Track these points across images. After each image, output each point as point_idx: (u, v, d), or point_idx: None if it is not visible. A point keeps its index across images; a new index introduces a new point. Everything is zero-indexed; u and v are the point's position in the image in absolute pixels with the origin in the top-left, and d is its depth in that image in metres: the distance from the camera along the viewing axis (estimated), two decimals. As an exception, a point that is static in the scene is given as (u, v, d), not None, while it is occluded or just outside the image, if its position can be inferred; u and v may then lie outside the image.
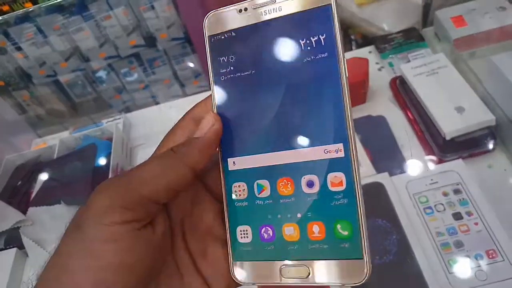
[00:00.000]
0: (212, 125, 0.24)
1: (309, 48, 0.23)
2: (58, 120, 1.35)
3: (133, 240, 0.21)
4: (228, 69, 0.25)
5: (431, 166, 0.61)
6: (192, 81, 1.44)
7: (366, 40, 0.88)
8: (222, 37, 0.25)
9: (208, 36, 0.25)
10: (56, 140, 0.73)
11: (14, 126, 0.88)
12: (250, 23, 0.24)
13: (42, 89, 1.35)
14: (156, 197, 0.22)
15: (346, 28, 1.30)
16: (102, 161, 0.67)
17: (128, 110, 1.21)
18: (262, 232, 0.23)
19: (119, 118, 0.75)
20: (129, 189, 0.21)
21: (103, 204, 0.21)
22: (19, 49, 1.26)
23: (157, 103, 1.24)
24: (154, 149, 0.25)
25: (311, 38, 0.23)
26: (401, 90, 0.72)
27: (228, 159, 0.25)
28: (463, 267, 0.50)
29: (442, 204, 0.55)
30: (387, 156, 0.65)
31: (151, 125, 0.75)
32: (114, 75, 1.39)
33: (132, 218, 0.21)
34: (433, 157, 0.63)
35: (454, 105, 0.63)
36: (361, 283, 0.21)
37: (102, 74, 1.38)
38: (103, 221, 0.20)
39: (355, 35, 1.28)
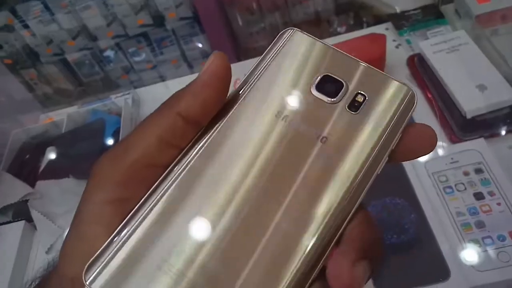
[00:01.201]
0: (210, 63, 0.19)
1: None
2: (66, 100, 1.34)
3: None
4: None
5: (451, 145, 0.59)
6: (200, 61, 1.42)
7: (378, 22, 0.85)
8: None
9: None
10: (64, 115, 0.72)
11: (22, 102, 0.87)
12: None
13: (50, 67, 1.34)
14: (148, 158, 0.18)
15: (358, 8, 1.27)
16: (111, 136, 0.65)
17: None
18: None
19: (128, 93, 0.73)
20: (118, 158, 0.19)
21: (95, 179, 0.19)
22: (26, 26, 1.24)
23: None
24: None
25: None
26: (420, 68, 0.69)
27: None
28: (485, 248, 0.48)
29: (463, 184, 0.53)
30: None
31: (159, 102, 0.73)
32: (122, 54, 1.37)
33: (124, 195, 0.18)
34: (453, 136, 0.61)
35: (475, 83, 0.61)
36: None
37: (109, 53, 1.36)
38: (92, 199, 0.18)
39: (367, 17, 1.25)
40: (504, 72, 0.61)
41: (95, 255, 0.17)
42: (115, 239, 0.18)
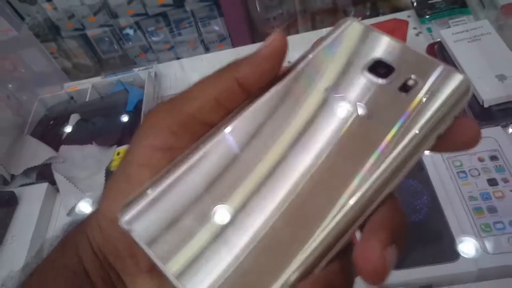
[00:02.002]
0: (272, 39, 0.20)
1: None
2: (84, 75, 1.36)
3: None
4: None
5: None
6: (217, 44, 1.42)
7: (395, 12, 0.85)
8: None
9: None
10: (88, 85, 0.73)
11: (46, 74, 0.89)
12: None
13: (70, 42, 1.35)
14: (203, 114, 0.19)
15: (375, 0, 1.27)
16: (133, 108, 0.67)
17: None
18: None
19: (151, 67, 0.74)
20: (175, 108, 0.19)
21: (149, 124, 0.19)
22: (48, 0, 1.26)
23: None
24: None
25: None
26: (439, 56, 0.69)
27: None
28: (496, 232, 0.49)
29: (477, 169, 0.54)
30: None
31: (183, 77, 0.75)
32: (141, 33, 1.38)
33: (175, 144, 0.19)
34: (470, 124, 0.61)
35: (495, 73, 0.61)
36: None
37: (129, 31, 1.37)
38: (143, 143, 0.19)
39: (384, 8, 1.25)
40: (526, 64, 0.61)
41: (133, 196, 0.17)
42: (156, 184, 0.18)
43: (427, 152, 0.19)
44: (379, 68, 0.20)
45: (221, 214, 0.17)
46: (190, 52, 1.42)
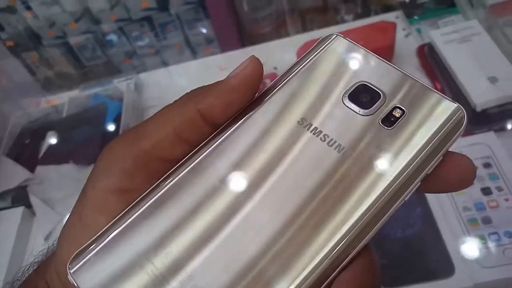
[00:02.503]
0: (243, 67, 0.18)
1: None
2: (67, 84, 1.33)
3: None
4: None
5: (460, 138, 0.58)
6: (204, 47, 1.40)
7: (386, 10, 0.83)
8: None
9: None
10: (65, 99, 0.70)
11: (24, 86, 0.86)
12: None
13: (52, 50, 1.32)
14: (161, 150, 0.18)
15: (366, -4, 1.25)
16: (112, 121, 0.64)
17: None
18: None
19: (131, 78, 0.72)
20: (130, 145, 0.18)
21: (102, 164, 0.18)
22: (28, 8, 1.22)
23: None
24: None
25: None
26: (429, 58, 0.67)
27: None
28: (491, 244, 0.47)
29: (471, 178, 0.52)
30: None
31: (165, 87, 0.73)
32: (125, 39, 1.35)
33: (130, 186, 0.17)
34: (462, 129, 0.59)
35: (487, 75, 0.59)
36: None
37: (112, 37, 1.34)
38: (96, 185, 0.17)
39: (375, 5, 1.23)
40: (517, 64, 0.60)
41: (82, 247, 0.16)
42: (106, 233, 0.17)
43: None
44: (362, 94, 0.18)
45: (169, 267, 0.16)
46: (177, 56, 1.40)
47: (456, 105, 0.17)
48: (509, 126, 0.58)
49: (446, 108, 0.17)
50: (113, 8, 1.27)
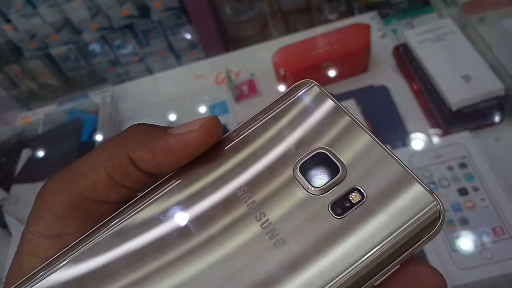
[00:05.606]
0: (188, 131, 0.17)
1: None
2: (52, 95, 1.32)
3: None
4: None
5: (436, 139, 0.58)
6: (188, 52, 1.39)
7: (370, 9, 0.83)
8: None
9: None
10: (41, 115, 0.70)
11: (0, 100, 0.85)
12: None
13: (34, 62, 1.31)
14: (96, 193, 0.17)
15: (349, -5, 1.24)
16: (88, 136, 0.64)
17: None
18: None
19: (107, 91, 0.71)
20: (64, 187, 0.17)
21: (36, 208, 0.17)
22: (8, 21, 1.21)
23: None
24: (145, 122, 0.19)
25: None
26: (405, 58, 0.67)
27: None
28: (468, 245, 0.47)
29: (447, 179, 0.52)
30: (390, 129, 0.62)
31: (142, 97, 0.72)
32: (108, 47, 1.34)
33: (65, 230, 0.17)
34: (438, 130, 0.59)
35: (461, 73, 0.59)
36: None
37: (95, 46, 1.33)
38: (30, 229, 0.17)
39: (359, 4, 1.22)
40: (490, 62, 0.60)
41: None
42: (34, 278, 0.16)
43: None
44: (317, 165, 0.15)
45: None
46: (161, 63, 1.39)
47: (432, 197, 0.14)
48: (484, 124, 0.58)
49: (418, 200, 0.14)
50: (94, 17, 1.26)
